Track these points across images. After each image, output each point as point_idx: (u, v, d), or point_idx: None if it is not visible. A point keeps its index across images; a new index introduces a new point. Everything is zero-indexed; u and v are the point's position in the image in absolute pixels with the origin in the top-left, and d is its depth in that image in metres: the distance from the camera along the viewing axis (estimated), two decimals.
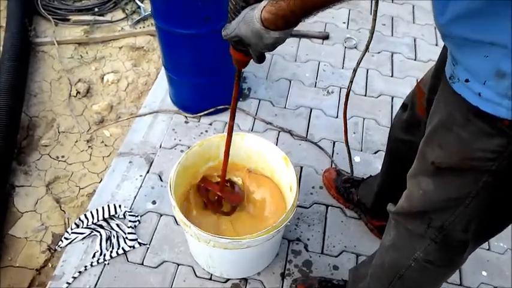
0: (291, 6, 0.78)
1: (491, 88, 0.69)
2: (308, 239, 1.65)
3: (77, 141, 2.10)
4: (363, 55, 1.38)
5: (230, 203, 1.54)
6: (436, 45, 2.49)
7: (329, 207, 1.74)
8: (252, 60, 1.01)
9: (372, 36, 1.20)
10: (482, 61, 0.69)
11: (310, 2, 0.77)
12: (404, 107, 1.26)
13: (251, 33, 0.87)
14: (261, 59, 0.96)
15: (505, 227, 0.93)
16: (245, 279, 1.53)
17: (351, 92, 2.17)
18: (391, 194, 1.46)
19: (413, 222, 0.96)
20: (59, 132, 2.13)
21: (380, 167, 1.86)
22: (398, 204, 0.98)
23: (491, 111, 0.71)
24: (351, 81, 1.34)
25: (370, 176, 1.68)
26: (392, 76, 2.30)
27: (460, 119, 0.76)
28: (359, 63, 1.30)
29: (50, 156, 2.03)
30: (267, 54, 1.01)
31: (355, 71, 1.35)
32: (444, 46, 1.04)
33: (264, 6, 0.83)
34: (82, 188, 1.92)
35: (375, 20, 1.11)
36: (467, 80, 0.73)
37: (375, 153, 1.94)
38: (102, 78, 2.38)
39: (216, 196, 1.52)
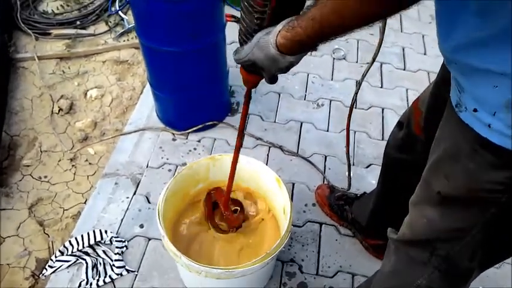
0: (309, 33, 0.75)
1: (501, 120, 0.66)
2: (302, 260, 1.60)
3: (60, 160, 2.03)
4: (369, 68, 1.29)
5: (229, 224, 1.49)
6: (425, 54, 2.48)
7: (323, 225, 1.70)
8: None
9: (379, 49, 1.11)
10: (491, 91, 0.65)
11: (328, 29, 0.73)
12: (399, 125, 1.23)
13: (265, 58, 0.85)
14: (273, 80, 0.93)
15: None
16: None
17: (340, 104, 2.16)
18: (387, 214, 1.44)
19: (415, 250, 0.92)
20: (41, 151, 2.06)
21: (373, 181, 1.85)
22: (400, 231, 0.95)
23: (501, 143, 0.67)
24: (356, 93, 1.26)
25: (364, 193, 1.64)
26: (382, 87, 2.28)
27: (467, 149, 0.73)
28: (364, 76, 1.21)
29: (32, 177, 1.96)
30: None
31: (359, 84, 1.26)
32: (444, 64, 1.00)
33: (279, 31, 0.80)
34: (66, 210, 1.85)
35: (383, 33, 1.04)
36: (475, 110, 0.69)
37: (367, 167, 1.91)
38: (86, 93, 2.31)
39: (220, 212, 1.49)
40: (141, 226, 1.67)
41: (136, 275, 1.54)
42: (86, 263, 1.55)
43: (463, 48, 0.67)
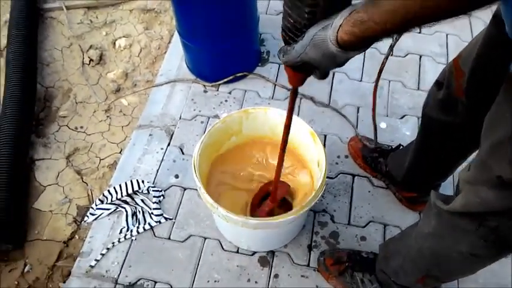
0: (387, 27, 0.62)
1: None
2: (334, 210, 1.62)
3: (95, 111, 2.06)
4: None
5: (282, 195, 1.47)
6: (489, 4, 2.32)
7: (355, 177, 1.70)
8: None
9: None
10: None
11: (414, 22, 0.60)
12: (438, 84, 1.16)
13: (322, 57, 0.73)
14: (326, 76, 0.83)
15: None
16: (272, 252, 1.53)
17: (376, 51, 2.08)
18: (424, 171, 1.42)
19: (462, 219, 0.90)
20: (76, 102, 2.09)
21: (407, 133, 1.81)
22: (451, 205, 0.91)
23: None
24: (392, 46, 1.15)
25: (400, 145, 1.62)
26: (420, 32, 2.17)
27: None
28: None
29: (69, 127, 2.01)
30: None
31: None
32: (492, 24, 0.92)
33: (341, 26, 0.67)
34: (102, 159, 1.91)
35: None
36: None
37: (401, 118, 1.87)
38: (114, 43, 2.29)
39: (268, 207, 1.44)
40: (176, 176, 1.71)
41: (174, 222, 1.60)
42: (126, 211, 1.62)
43: None
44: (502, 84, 0.76)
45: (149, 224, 1.58)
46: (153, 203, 1.62)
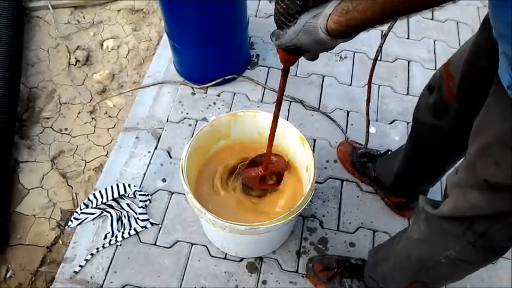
0: (368, 17, 0.67)
1: None
2: (323, 216, 1.61)
3: (79, 112, 2.02)
4: (392, 26, 1.22)
5: (277, 170, 1.45)
6: (454, 2, 2.34)
7: (344, 182, 1.69)
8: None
9: None
10: None
11: (392, 13, 0.65)
12: (430, 88, 1.17)
13: (313, 42, 0.78)
14: (315, 58, 0.88)
15: None
16: (260, 258, 1.52)
17: (365, 56, 2.07)
18: (413, 176, 1.42)
19: (450, 223, 0.90)
20: (60, 103, 2.05)
21: (396, 138, 1.81)
22: (439, 209, 0.91)
23: None
24: (381, 46, 1.17)
25: (388, 150, 1.62)
26: (408, 38, 2.18)
27: None
28: (391, 28, 1.13)
29: (53, 129, 1.96)
30: None
31: (385, 35, 1.19)
32: (481, 29, 0.93)
33: (330, 15, 0.72)
34: (88, 162, 1.87)
35: None
36: None
37: (391, 123, 1.87)
38: (102, 44, 2.26)
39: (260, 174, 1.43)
40: (164, 180, 1.68)
41: (160, 227, 1.57)
42: (111, 215, 1.58)
43: None
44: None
45: (135, 229, 1.55)
46: (139, 207, 1.59)
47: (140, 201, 1.60)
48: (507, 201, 0.77)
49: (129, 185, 1.64)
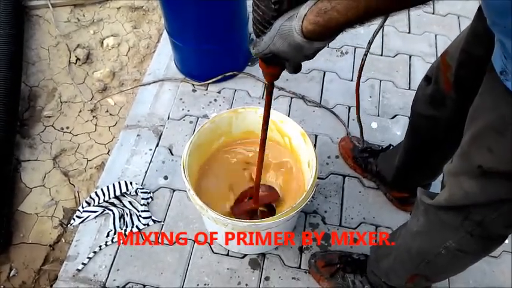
0: (349, 17, 0.63)
1: None
2: (325, 211, 1.61)
3: (80, 111, 2.02)
4: (385, 19, 1.22)
5: (269, 201, 1.46)
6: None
7: (346, 178, 1.69)
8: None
9: None
10: None
11: (374, 11, 0.62)
12: (427, 79, 1.16)
13: (289, 47, 0.74)
14: (298, 69, 0.83)
15: None
16: (263, 254, 1.51)
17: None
18: (413, 170, 1.41)
19: (448, 214, 0.90)
20: (61, 102, 2.05)
21: (398, 133, 1.81)
22: (435, 198, 0.92)
23: None
24: (370, 43, 1.17)
25: (390, 145, 1.61)
26: (409, 33, 2.17)
27: None
28: (382, 25, 1.15)
29: (54, 128, 1.96)
30: None
31: (376, 32, 1.19)
32: (477, 17, 0.93)
33: (305, 15, 0.68)
34: (90, 160, 1.87)
35: None
36: None
37: (393, 118, 1.86)
38: (102, 42, 2.25)
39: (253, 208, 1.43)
40: (165, 178, 1.68)
41: (163, 225, 1.57)
42: (113, 213, 1.59)
43: None
44: None
45: (137, 226, 1.55)
46: (141, 205, 1.59)
47: (142, 198, 1.60)
48: (501, 188, 0.77)
49: (131, 183, 1.64)
